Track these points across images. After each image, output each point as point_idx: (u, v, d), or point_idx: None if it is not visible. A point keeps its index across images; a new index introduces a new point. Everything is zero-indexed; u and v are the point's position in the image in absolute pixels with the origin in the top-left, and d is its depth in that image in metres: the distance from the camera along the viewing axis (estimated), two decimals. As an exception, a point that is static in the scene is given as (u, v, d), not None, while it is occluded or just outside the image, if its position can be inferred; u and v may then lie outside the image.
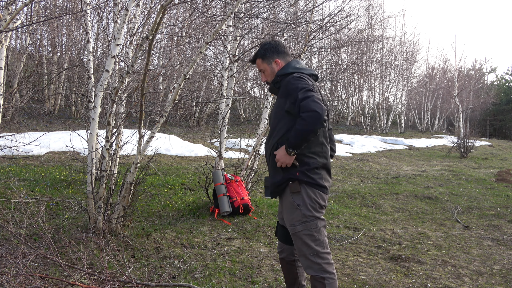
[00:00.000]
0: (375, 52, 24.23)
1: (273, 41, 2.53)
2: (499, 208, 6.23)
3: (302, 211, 2.32)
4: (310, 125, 2.15)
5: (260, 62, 2.50)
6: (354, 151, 13.80)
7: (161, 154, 9.41)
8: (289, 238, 2.54)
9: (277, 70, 2.46)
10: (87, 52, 5.65)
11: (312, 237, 2.33)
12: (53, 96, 13.41)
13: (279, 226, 2.63)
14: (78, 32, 13.28)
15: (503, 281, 3.59)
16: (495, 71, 42.12)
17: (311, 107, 2.14)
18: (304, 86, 2.23)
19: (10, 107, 9.46)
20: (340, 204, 6.33)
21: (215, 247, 4.08)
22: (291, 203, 2.36)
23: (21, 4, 3.49)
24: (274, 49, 2.47)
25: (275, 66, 2.47)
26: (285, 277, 2.71)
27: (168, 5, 3.42)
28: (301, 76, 2.32)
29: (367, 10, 20.71)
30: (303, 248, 2.34)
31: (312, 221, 2.33)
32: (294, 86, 2.27)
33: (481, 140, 21.23)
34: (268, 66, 2.48)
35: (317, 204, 2.36)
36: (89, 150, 4.08)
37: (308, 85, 2.25)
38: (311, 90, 2.21)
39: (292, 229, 2.36)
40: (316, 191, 2.36)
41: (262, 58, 2.48)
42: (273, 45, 2.49)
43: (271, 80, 2.49)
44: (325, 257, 2.33)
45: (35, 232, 3.89)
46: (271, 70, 2.48)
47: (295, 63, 2.45)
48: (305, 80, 2.28)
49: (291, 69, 2.40)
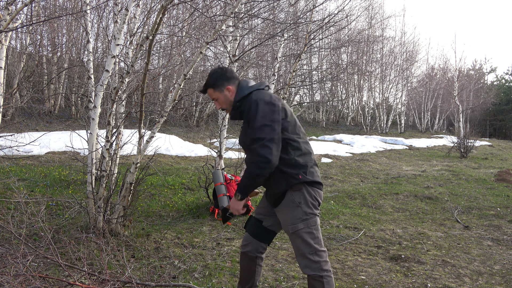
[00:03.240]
0: (375, 52, 24.24)
1: (220, 69, 2.52)
2: (499, 208, 6.23)
3: (303, 209, 2.35)
4: (259, 169, 2.24)
5: (212, 92, 2.48)
6: (354, 151, 13.80)
7: (161, 154, 9.41)
8: (261, 234, 2.57)
9: (231, 97, 2.46)
10: (87, 52, 5.65)
11: (311, 234, 2.35)
12: (53, 96, 13.41)
13: (253, 219, 2.63)
14: (78, 32, 13.29)
15: (503, 281, 3.59)
16: (495, 71, 42.17)
17: (261, 153, 2.21)
18: (259, 124, 2.24)
19: (10, 107, 9.46)
20: (340, 204, 6.33)
21: (215, 247, 4.08)
22: (291, 201, 2.36)
23: (21, 4, 3.49)
24: (223, 76, 2.46)
25: (227, 93, 2.46)
26: (241, 273, 2.69)
27: (168, 5, 3.42)
28: (261, 99, 2.31)
29: (367, 10, 20.73)
30: (303, 247, 2.36)
31: (312, 218, 2.37)
32: (253, 116, 2.29)
33: (481, 140, 21.23)
34: (220, 94, 2.46)
35: (316, 201, 2.40)
36: (89, 150, 4.08)
37: (265, 117, 2.25)
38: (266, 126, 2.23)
39: (292, 227, 2.36)
40: (315, 188, 2.40)
41: (213, 87, 2.47)
42: (221, 73, 2.48)
43: (227, 107, 2.49)
44: (322, 255, 2.37)
45: (35, 232, 3.89)
46: (224, 97, 2.47)
47: (245, 83, 2.46)
48: (263, 109, 2.27)
49: (246, 90, 2.41)
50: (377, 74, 24.30)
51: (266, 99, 2.32)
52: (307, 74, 16.35)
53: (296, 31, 8.13)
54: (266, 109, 2.27)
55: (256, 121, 2.26)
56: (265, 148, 2.20)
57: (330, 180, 8.46)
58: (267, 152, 2.20)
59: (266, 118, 2.25)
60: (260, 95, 2.34)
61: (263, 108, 2.28)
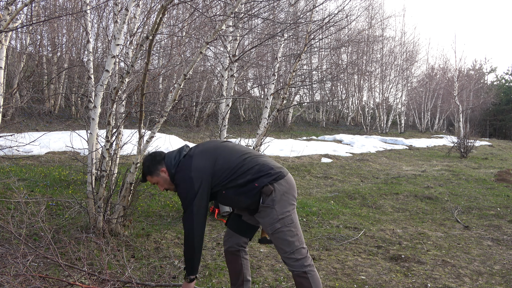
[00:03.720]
0: (375, 52, 24.22)
1: (149, 155, 2.65)
2: (499, 208, 6.23)
3: (277, 209, 2.42)
4: (187, 235, 2.45)
5: (150, 178, 2.60)
6: (354, 151, 13.80)
7: (161, 154, 9.40)
8: (241, 228, 2.67)
9: (168, 176, 2.56)
10: (87, 52, 5.64)
11: (290, 232, 2.44)
12: (53, 96, 13.40)
13: (234, 216, 2.72)
14: (78, 32, 13.28)
15: (503, 281, 3.59)
16: (495, 71, 42.13)
17: (186, 225, 2.44)
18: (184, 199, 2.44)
19: (10, 107, 9.46)
20: (340, 204, 6.33)
21: (215, 247, 4.08)
22: (265, 206, 2.44)
23: (21, 4, 3.49)
24: (155, 161, 2.58)
25: (164, 174, 2.56)
26: (230, 271, 2.78)
27: (168, 5, 3.42)
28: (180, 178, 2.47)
29: (367, 10, 20.71)
30: (283, 246, 2.44)
31: (288, 217, 2.44)
32: (178, 189, 2.50)
33: (481, 140, 21.23)
34: (159, 178, 2.57)
35: (290, 194, 2.48)
36: (89, 150, 4.08)
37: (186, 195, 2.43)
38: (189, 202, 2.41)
39: (271, 228, 2.44)
40: (280, 181, 2.46)
41: (149, 174, 2.59)
42: (151, 159, 2.60)
43: (169, 187, 2.60)
44: (303, 252, 2.45)
45: (35, 232, 3.89)
46: (163, 179, 2.57)
47: (168, 161, 2.56)
48: (183, 188, 2.45)
49: (172, 170, 2.53)
50: (377, 74, 24.30)
51: (182, 178, 2.46)
52: (307, 74, 16.35)
53: (296, 31, 8.13)
54: (184, 188, 2.45)
55: (180, 197, 2.48)
56: (188, 221, 2.42)
57: (330, 180, 8.46)
58: (188, 224, 2.42)
59: (186, 196, 2.43)
60: (179, 175, 2.49)
61: (182, 188, 2.46)
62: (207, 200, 2.46)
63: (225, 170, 2.46)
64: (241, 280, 2.73)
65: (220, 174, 2.46)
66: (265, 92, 17.13)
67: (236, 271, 2.72)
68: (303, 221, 5.20)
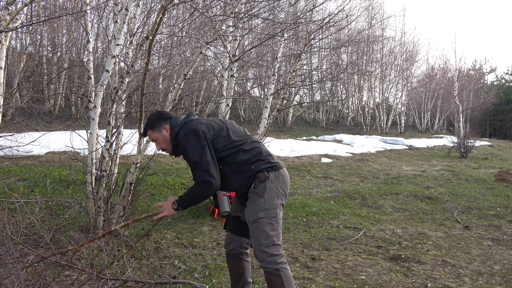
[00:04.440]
0: (375, 52, 24.22)
1: (157, 112, 2.66)
2: (499, 208, 6.23)
3: (266, 198, 2.42)
4: (203, 191, 2.38)
5: (151, 133, 2.59)
6: (354, 151, 13.79)
7: (161, 154, 9.41)
8: (240, 228, 2.65)
9: (168, 135, 2.56)
10: (87, 52, 5.64)
11: (271, 226, 2.42)
12: (53, 96, 13.40)
13: (231, 217, 2.72)
14: (78, 32, 13.28)
15: (503, 281, 3.59)
16: (495, 71, 42.13)
17: (202, 178, 2.35)
18: (191, 153, 2.39)
19: (10, 107, 9.46)
20: (340, 204, 6.33)
21: (215, 247, 4.08)
22: (255, 192, 2.45)
23: (21, 4, 3.49)
24: (161, 118, 2.59)
25: (165, 132, 2.57)
26: (231, 273, 2.76)
27: (168, 5, 3.42)
28: (186, 132, 2.45)
29: (367, 10, 20.71)
30: (261, 238, 2.42)
31: (273, 209, 2.44)
32: (181, 147, 2.46)
33: (481, 140, 21.22)
34: (159, 135, 2.57)
35: (281, 189, 2.48)
36: (89, 150, 4.08)
37: (194, 146, 2.39)
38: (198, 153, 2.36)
39: (253, 216, 2.43)
40: (276, 172, 2.48)
41: (151, 129, 2.58)
42: (158, 115, 2.61)
43: (166, 147, 2.59)
44: (278, 249, 2.43)
45: (35, 232, 3.89)
46: (163, 137, 2.57)
47: (174, 121, 2.56)
48: (190, 139, 2.41)
49: (176, 128, 2.53)
50: (377, 74, 24.30)
51: (189, 130, 2.45)
52: (307, 74, 16.34)
53: (296, 31, 8.13)
54: (191, 139, 2.41)
55: (188, 152, 2.42)
56: (204, 172, 2.35)
57: (330, 180, 8.45)
58: (206, 176, 2.34)
59: (194, 147, 2.39)
60: (184, 130, 2.48)
61: (189, 140, 2.42)
62: (214, 156, 2.41)
63: (228, 141, 2.47)
64: (242, 282, 2.71)
65: (222, 142, 2.46)
66: (265, 92, 17.12)
67: (237, 274, 2.71)
68: (303, 221, 5.20)
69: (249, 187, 2.46)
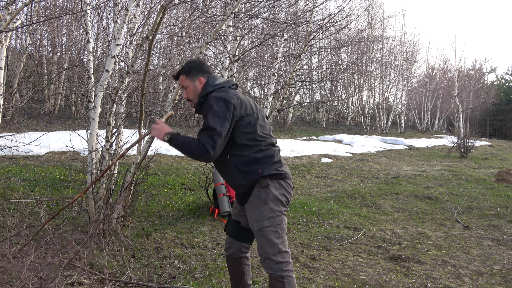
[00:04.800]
0: (375, 52, 24.23)
1: (199, 60, 2.55)
2: (499, 208, 6.23)
3: (270, 206, 2.34)
4: (196, 153, 2.26)
5: (183, 79, 2.49)
6: (354, 151, 13.80)
7: (161, 154, 9.41)
8: (240, 234, 2.59)
9: (200, 89, 2.47)
10: (87, 52, 5.64)
11: (276, 233, 2.35)
12: (53, 96, 13.40)
13: (231, 221, 2.65)
14: (78, 32, 13.28)
15: (503, 281, 3.59)
16: (495, 71, 42.14)
17: (205, 142, 2.24)
18: (211, 117, 2.27)
19: (10, 107, 9.46)
20: (340, 204, 6.33)
21: (215, 247, 4.08)
22: (258, 198, 2.36)
23: (21, 4, 3.49)
24: (199, 68, 2.49)
25: (198, 84, 2.47)
26: (231, 276, 2.71)
27: (168, 5, 3.42)
28: (219, 96, 2.33)
29: (367, 10, 20.70)
30: (266, 246, 2.35)
31: (278, 217, 2.36)
32: (208, 111, 2.31)
33: (481, 140, 21.22)
34: (191, 83, 2.48)
35: (285, 197, 2.40)
36: (89, 150, 4.08)
37: (218, 113, 2.27)
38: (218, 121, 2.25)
39: (258, 225, 2.36)
40: (282, 181, 2.40)
41: (186, 74, 2.48)
42: (198, 64, 2.51)
43: (192, 98, 2.50)
44: (285, 256, 2.36)
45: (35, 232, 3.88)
46: (193, 87, 2.48)
47: (213, 80, 2.46)
48: (219, 105, 2.29)
49: (210, 88, 2.42)
50: (377, 74, 24.30)
51: (223, 96, 2.32)
52: (307, 74, 16.34)
53: (296, 31, 8.13)
54: (221, 106, 2.29)
55: (211, 114, 2.29)
56: (211, 140, 2.23)
57: (330, 180, 8.46)
58: (211, 144, 2.23)
59: (220, 115, 2.27)
60: (219, 93, 2.35)
61: (218, 105, 2.30)
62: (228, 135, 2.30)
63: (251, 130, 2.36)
64: (242, 285, 2.68)
65: (245, 128, 2.35)
66: (265, 92, 17.12)
67: (237, 277, 2.68)
68: (303, 221, 5.20)
69: (250, 189, 2.38)
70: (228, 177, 2.47)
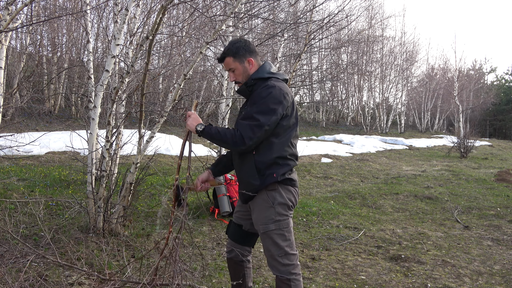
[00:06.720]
0: (375, 52, 24.25)
1: (244, 40, 2.39)
2: (499, 208, 6.23)
3: (277, 210, 2.28)
4: (232, 141, 2.18)
5: (231, 61, 2.33)
6: (354, 151, 13.80)
7: (161, 154, 9.41)
8: (242, 238, 2.54)
9: (251, 70, 2.34)
10: (87, 52, 5.64)
11: (283, 236, 2.29)
12: (53, 96, 13.40)
13: (233, 224, 2.59)
14: (78, 32, 13.28)
15: (503, 281, 3.59)
16: (495, 71, 42.13)
17: (245, 133, 2.15)
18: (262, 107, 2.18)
19: (10, 107, 9.45)
20: (340, 204, 6.33)
21: (215, 247, 4.08)
22: (265, 201, 2.30)
23: (21, 4, 3.49)
24: (247, 48, 2.33)
25: (247, 65, 2.33)
26: (232, 277, 2.67)
27: (168, 5, 3.41)
28: (277, 87, 2.22)
29: (367, 10, 20.72)
30: (272, 249, 2.30)
31: (284, 220, 2.30)
32: (261, 99, 2.21)
33: (481, 140, 21.23)
34: (240, 65, 2.33)
35: (291, 202, 2.34)
36: (89, 150, 4.07)
37: (270, 106, 2.18)
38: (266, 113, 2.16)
39: (264, 227, 2.30)
40: (289, 187, 2.34)
41: (233, 56, 2.32)
42: (244, 44, 2.35)
43: (242, 80, 2.36)
44: (292, 258, 2.31)
45: (35, 232, 3.89)
46: (243, 69, 2.33)
47: (269, 66, 2.35)
48: (273, 96, 2.20)
49: (266, 74, 2.30)
50: (377, 74, 24.31)
51: (280, 87, 2.23)
52: (307, 74, 16.34)
53: (296, 31, 8.13)
54: (276, 98, 2.19)
55: (261, 103, 2.19)
56: (251, 132, 2.15)
57: (330, 180, 8.45)
58: (250, 136, 2.15)
59: (270, 106, 2.17)
60: (278, 84, 2.24)
61: (274, 97, 2.19)
62: (267, 132, 2.19)
63: (288, 135, 2.28)
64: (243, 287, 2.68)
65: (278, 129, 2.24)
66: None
67: (238, 279, 2.64)
68: (303, 221, 5.20)
69: (256, 190, 2.30)
70: (243, 174, 2.35)
